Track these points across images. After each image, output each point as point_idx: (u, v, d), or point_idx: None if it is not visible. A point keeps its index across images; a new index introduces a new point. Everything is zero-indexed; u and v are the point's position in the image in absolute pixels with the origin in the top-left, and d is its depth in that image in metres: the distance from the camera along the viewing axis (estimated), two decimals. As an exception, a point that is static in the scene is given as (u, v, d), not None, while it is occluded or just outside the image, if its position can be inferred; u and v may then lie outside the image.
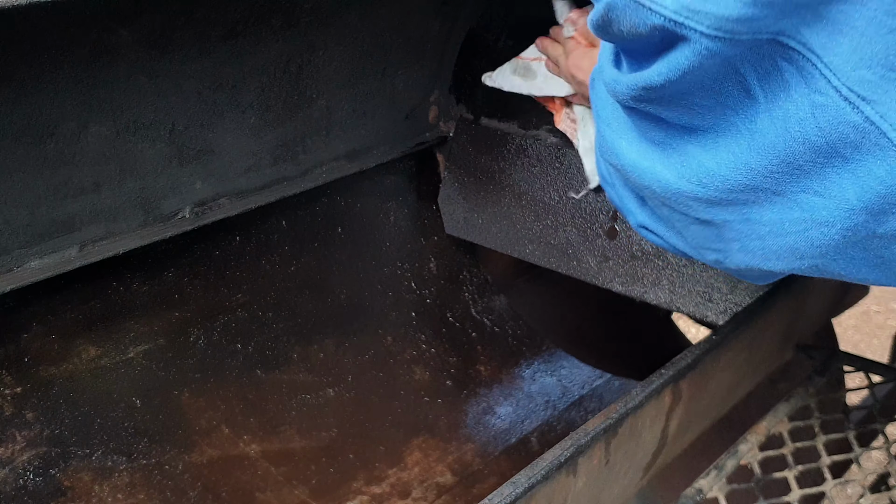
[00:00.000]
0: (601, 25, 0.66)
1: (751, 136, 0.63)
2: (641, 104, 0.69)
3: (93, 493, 1.08)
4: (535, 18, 1.39)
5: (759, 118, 0.62)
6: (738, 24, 0.57)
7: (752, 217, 0.68)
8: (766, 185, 0.65)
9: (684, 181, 0.69)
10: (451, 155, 1.49)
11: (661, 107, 0.67)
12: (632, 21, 0.62)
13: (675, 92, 0.64)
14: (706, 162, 0.67)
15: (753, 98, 0.62)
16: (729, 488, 1.14)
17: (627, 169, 0.75)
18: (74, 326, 1.13)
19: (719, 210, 0.69)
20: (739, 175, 0.65)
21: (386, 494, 1.21)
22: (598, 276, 1.35)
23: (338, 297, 1.40)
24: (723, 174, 0.66)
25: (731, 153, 0.65)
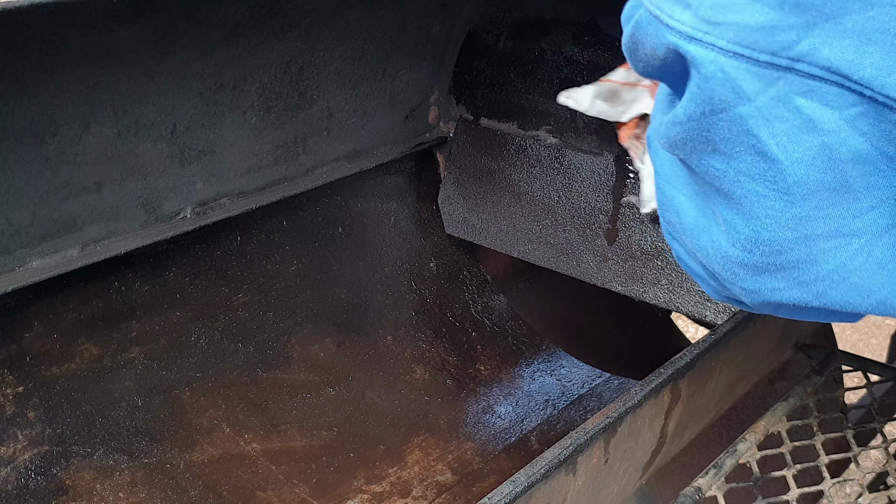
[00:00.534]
0: (630, 48, 0.62)
1: (786, 194, 0.57)
2: (676, 150, 0.63)
3: (94, 492, 1.08)
4: (535, 18, 1.40)
5: (788, 171, 0.56)
6: (761, 34, 0.53)
7: (803, 279, 0.60)
8: (818, 230, 0.58)
9: (730, 245, 0.62)
10: (451, 155, 1.49)
11: (687, 154, 0.61)
12: (652, 41, 0.58)
13: (695, 138, 0.59)
14: (741, 228, 0.60)
15: (772, 160, 0.56)
16: (727, 487, 1.15)
17: (686, 228, 0.67)
18: (76, 326, 1.13)
19: (768, 278, 0.62)
20: (785, 231, 0.58)
21: (386, 493, 1.21)
22: (598, 276, 1.36)
23: (338, 296, 1.40)
24: (765, 237, 0.59)
25: (766, 214, 0.58)
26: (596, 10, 1.34)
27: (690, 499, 1.11)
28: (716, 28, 0.54)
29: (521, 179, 1.42)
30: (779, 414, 1.26)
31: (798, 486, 1.16)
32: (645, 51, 0.60)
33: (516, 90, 1.42)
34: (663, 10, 0.57)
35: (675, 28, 0.56)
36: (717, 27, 0.54)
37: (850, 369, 1.39)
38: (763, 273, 0.62)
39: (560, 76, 1.38)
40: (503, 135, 1.43)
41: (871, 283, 0.60)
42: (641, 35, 0.60)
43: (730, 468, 1.17)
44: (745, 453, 1.19)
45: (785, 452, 1.21)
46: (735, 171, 0.58)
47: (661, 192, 0.71)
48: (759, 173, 0.57)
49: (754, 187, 0.58)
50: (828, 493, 1.16)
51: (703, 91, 0.56)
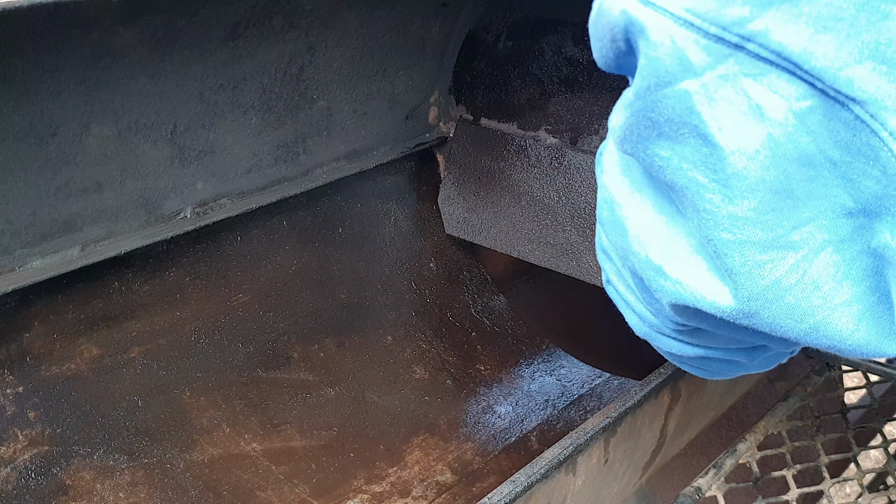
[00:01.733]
0: (594, 21, 0.57)
1: (724, 186, 0.51)
2: (625, 144, 0.58)
3: (94, 492, 1.08)
4: (535, 18, 1.40)
5: (728, 161, 0.51)
6: (713, 3, 0.49)
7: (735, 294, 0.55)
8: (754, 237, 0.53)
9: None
10: (451, 155, 1.49)
11: (632, 145, 0.57)
12: (609, 5, 0.54)
13: (641, 122, 0.55)
14: (682, 225, 0.56)
15: (713, 145, 0.51)
16: (727, 487, 1.15)
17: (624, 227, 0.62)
18: (76, 326, 1.13)
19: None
20: (723, 232, 0.53)
21: (386, 493, 1.21)
22: (598, 276, 1.35)
23: (338, 296, 1.40)
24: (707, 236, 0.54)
25: (704, 207, 0.53)
26: (596, 11, 1.34)
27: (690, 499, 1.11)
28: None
29: (521, 179, 1.42)
30: (779, 414, 1.27)
31: (798, 486, 1.16)
32: (602, 21, 0.55)
33: (516, 90, 1.42)
34: None
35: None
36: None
37: (850, 369, 1.39)
38: None
39: (560, 76, 1.38)
40: (503, 135, 1.43)
41: (805, 304, 0.54)
42: (600, 5, 0.55)
43: (730, 468, 1.17)
44: (745, 453, 1.19)
45: (785, 452, 1.21)
46: (679, 157, 0.53)
47: (606, 208, 0.64)
48: (700, 159, 0.52)
49: (695, 175, 0.53)
50: (828, 494, 1.16)
51: (650, 61, 0.52)
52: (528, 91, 1.41)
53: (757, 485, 1.16)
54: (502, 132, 1.43)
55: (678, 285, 0.58)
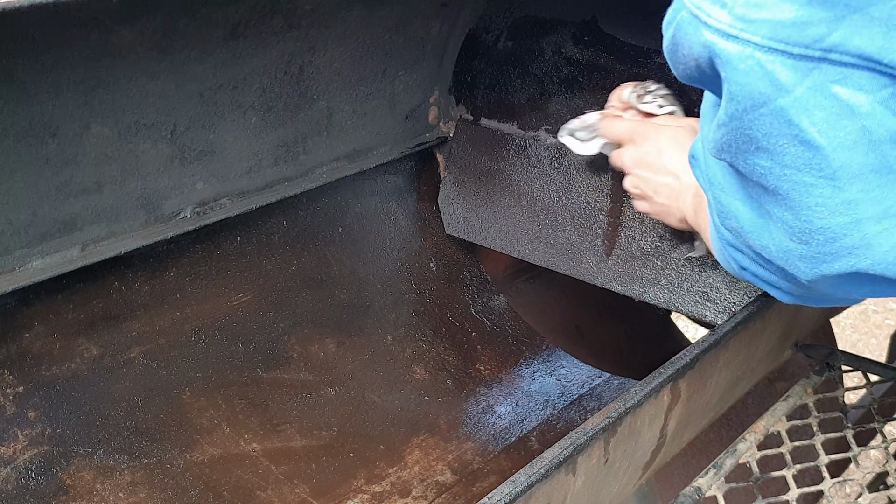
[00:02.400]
0: (670, 50, 0.65)
1: (832, 179, 0.60)
2: (722, 155, 0.65)
3: (94, 492, 1.08)
4: (535, 18, 1.40)
5: (832, 157, 0.59)
6: (793, 29, 0.56)
7: (861, 265, 0.63)
8: (868, 213, 0.61)
9: (788, 239, 0.65)
10: (451, 155, 1.49)
11: (732, 157, 0.64)
12: (689, 41, 0.61)
13: (738, 137, 0.62)
14: (792, 222, 0.64)
15: (816, 147, 0.59)
16: (727, 487, 1.15)
17: (746, 232, 0.70)
18: (76, 326, 1.13)
19: (826, 267, 0.64)
20: (838, 217, 0.61)
21: (386, 493, 1.21)
22: (598, 276, 1.36)
23: (338, 296, 1.40)
24: (819, 227, 0.62)
25: (815, 202, 0.61)
26: (596, 10, 1.34)
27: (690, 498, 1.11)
28: (750, 25, 0.58)
29: (520, 179, 1.42)
30: (779, 414, 1.27)
31: (798, 486, 1.16)
32: (683, 51, 0.63)
33: (516, 90, 1.42)
34: (702, 9, 0.60)
35: (712, 26, 0.59)
36: (752, 24, 0.57)
37: (850, 369, 1.39)
38: (823, 262, 0.64)
39: (560, 76, 1.38)
40: (503, 135, 1.43)
41: None
42: (681, 36, 0.63)
43: (730, 468, 1.17)
44: (745, 453, 1.19)
45: (785, 452, 1.21)
46: (780, 166, 0.61)
47: (718, 202, 0.74)
48: (804, 163, 0.60)
49: (801, 178, 0.61)
50: (828, 493, 1.16)
51: (741, 87, 0.59)
52: (528, 91, 1.41)
53: (757, 485, 1.16)
54: (502, 132, 1.43)
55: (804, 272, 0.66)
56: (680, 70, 0.67)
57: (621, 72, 1.33)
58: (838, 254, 0.63)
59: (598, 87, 1.35)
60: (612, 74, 1.34)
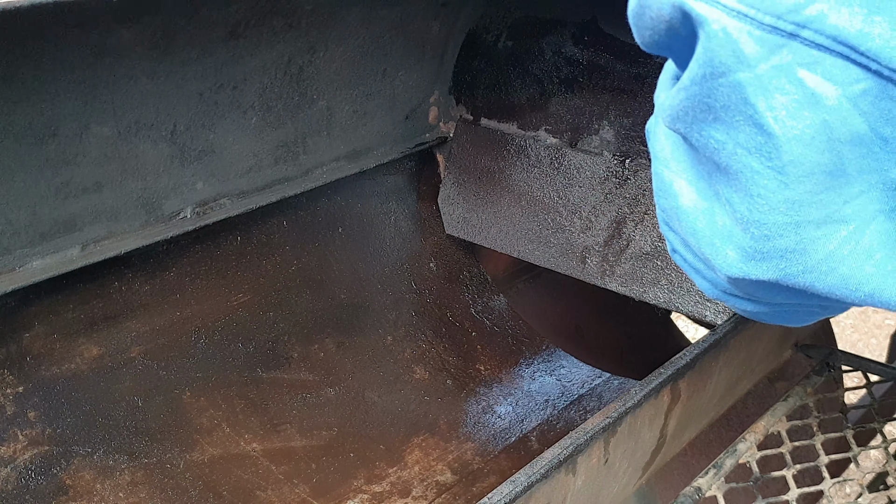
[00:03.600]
0: (636, 13, 0.58)
1: (780, 173, 0.54)
2: (678, 123, 0.59)
3: (94, 492, 1.08)
4: (535, 18, 1.40)
5: (784, 149, 0.53)
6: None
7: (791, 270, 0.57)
8: (810, 216, 0.55)
9: (734, 224, 0.59)
10: (451, 155, 1.49)
11: (687, 124, 0.58)
12: (659, 2, 0.55)
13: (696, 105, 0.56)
14: (738, 206, 0.57)
15: (769, 134, 0.53)
16: (727, 487, 1.15)
17: (681, 212, 0.64)
18: (76, 326, 1.13)
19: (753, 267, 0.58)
20: (777, 215, 0.55)
21: (386, 493, 1.21)
22: (598, 276, 1.36)
23: (338, 296, 1.40)
24: (756, 219, 0.56)
25: (759, 193, 0.55)
26: (596, 10, 1.34)
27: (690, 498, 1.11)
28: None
29: (520, 179, 1.42)
30: (779, 414, 1.27)
31: (798, 486, 1.16)
32: (651, 14, 0.56)
33: (516, 90, 1.42)
34: None
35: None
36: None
37: (850, 369, 1.39)
38: (751, 260, 0.59)
39: (560, 76, 1.38)
40: (503, 135, 1.43)
41: (859, 274, 0.57)
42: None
43: (730, 468, 1.17)
44: (745, 453, 1.19)
45: (785, 452, 1.21)
46: (734, 143, 0.55)
47: (658, 177, 0.67)
48: (755, 146, 0.54)
49: (750, 162, 0.54)
50: (828, 493, 1.16)
51: (705, 51, 0.53)
52: (528, 91, 1.41)
53: (757, 485, 1.16)
54: (502, 132, 1.44)
55: (729, 265, 0.60)
56: (647, 36, 0.59)
57: (621, 72, 1.33)
58: (769, 255, 0.57)
59: (598, 87, 1.35)
60: (612, 74, 1.34)
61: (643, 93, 1.32)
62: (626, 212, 1.32)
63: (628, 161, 1.32)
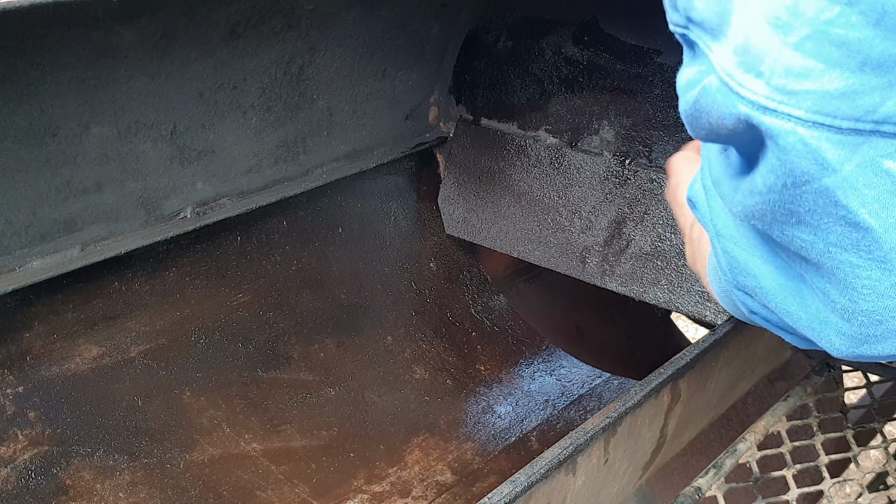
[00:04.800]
0: (691, 115, 0.58)
1: (882, 262, 0.54)
2: (753, 220, 0.59)
3: (94, 492, 1.08)
4: (535, 19, 1.40)
5: (883, 239, 0.53)
6: (842, 101, 0.50)
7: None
8: None
9: (829, 311, 0.60)
10: (451, 155, 1.49)
11: (767, 225, 0.58)
12: (720, 110, 0.54)
13: (776, 209, 0.56)
14: (836, 298, 0.58)
15: (865, 229, 0.53)
16: (727, 487, 1.15)
17: (766, 292, 0.64)
18: (76, 326, 1.13)
19: (867, 349, 0.60)
20: (887, 300, 0.56)
21: (386, 493, 1.21)
22: (598, 276, 1.36)
23: (338, 296, 1.40)
24: (864, 308, 0.57)
25: (863, 284, 0.56)
26: (596, 10, 1.34)
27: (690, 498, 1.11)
28: (792, 97, 0.51)
29: (521, 179, 1.42)
30: (779, 414, 1.27)
31: (798, 486, 1.16)
32: (710, 119, 0.56)
33: (516, 90, 1.42)
34: (734, 78, 0.53)
35: (746, 98, 0.52)
36: (794, 96, 0.51)
37: (850, 369, 1.39)
38: (864, 343, 0.60)
39: (560, 76, 1.38)
40: (503, 135, 1.43)
41: None
42: (707, 103, 0.56)
43: (730, 468, 1.17)
44: (745, 453, 1.19)
45: (785, 452, 1.21)
46: (825, 243, 0.55)
47: (730, 256, 0.67)
48: (851, 244, 0.54)
49: (848, 258, 0.55)
50: (828, 493, 1.16)
51: (783, 163, 0.53)
52: (528, 91, 1.41)
53: (757, 485, 1.16)
54: (502, 132, 1.43)
55: (839, 350, 0.61)
56: (702, 134, 0.59)
57: (621, 72, 1.33)
58: (884, 336, 0.58)
59: (598, 87, 1.35)
60: (612, 74, 1.34)
61: (643, 93, 1.32)
62: (626, 212, 1.32)
63: (628, 161, 1.32)
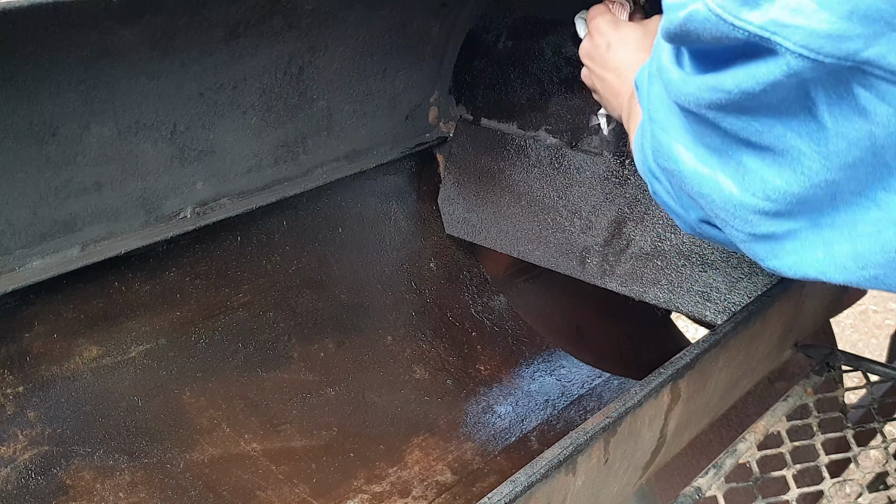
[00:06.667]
0: (677, 34, 0.64)
1: (824, 158, 0.62)
2: (704, 109, 0.66)
3: (94, 492, 1.08)
4: (535, 18, 1.40)
5: (831, 142, 0.61)
6: (827, 41, 0.56)
7: (821, 222, 0.65)
8: (847, 188, 0.63)
9: (748, 194, 0.66)
10: (451, 155, 1.49)
11: (721, 114, 0.65)
12: (713, 33, 0.60)
13: (742, 103, 0.63)
14: (770, 178, 0.65)
15: (820, 124, 0.61)
16: (727, 487, 1.15)
17: (685, 175, 0.71)
18: (76, 326, 1.13)
19: (784, 221, 0.66)
20: (815, 189, 0.63)
21: (386, 493, 1.21)
22: (598, 276, 1.36)
23: (338, 296, 1.40)
24: (794, 191, 0.64)
25: (802, 172, 0.63)
26: (596, 11, 1.34)
27: (690, 498, 1.11)
28: (784, 29, 0.57)
29: (520, 179, 1.42)
30: (779, 414, 1.27)
31: (798, 486, 1.16)
32: (701, 36, 0.62)
33: (516, 90, 1.42)
34: (727, 9, 0.59)
35: (743, 27, 0.58)
36: (785, 28, 0.57)
37: (850, 369, 1.39)
38: (781, 216, 0.66)
39: (560, 76, 1.38)
40: (503, 135, 1.43)
41: (871, 256, 0.64)
42: (696, 27, 0.61)
43: (730, 468, 1.17)
44: (745, 453, 1.19)
45: (785, 452, 1.21)
46: (784, 126, 0.62)
47: (656, 139, 0.74)
48: (807, 132, 0.61)
49: (798, 144, 0.62)
50: (827, 493, 1.16)
51: (768, 74, 0.59)
52: (528, 91, 1.41)
53: (757, 485, 1.16)
54: (502, 132, 1.43)
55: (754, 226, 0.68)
56: (685, 43, 0.66)
57: (621, 72, 1.33)
58: (804, 211, 0.65)
59: (598, 87, 1.35)
60: (612, 74, 1.34)
61: (643, 93, 1.32)
62: (626, 212, 1.32)
63: (628, 161, 1.32)
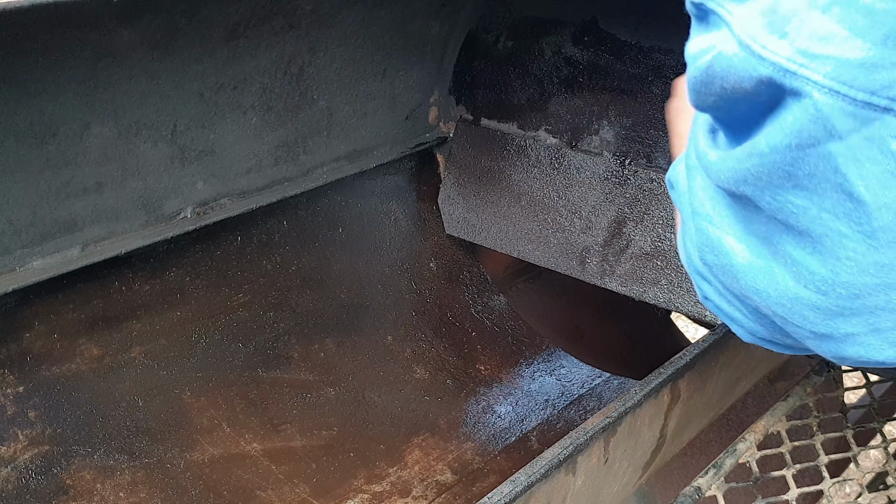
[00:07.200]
0: (702, 81, 0.59)
1: (870, 237, 0.55)
2: (742, 185, 0.59)
3: (95, 492, 1.08)
4: (535, 19, 1.40)
5: (874, 216, 0.54)
6: (861, 72, 0.50)
7: (880, 326, 0.59)
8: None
9: (801, 286, 0.59)
10: (451, 155, 1.49)
11: (759, 190, 0.59)
12: (738, 74, 0.55)
13: (773, 170, 0.56)
14: (816, 268, 0.58)
15: (859, 201, 0.54)
16: (727, 487, 1.15)
17: (738, 269, 0.64)
18: (76, 326, 1.13)
19: (842, 322, 0.60)
20: (865, 276, 0.57)
21: (386, 493, 1.21)
22: (598, 276, 1.36)
23: (338, 296, 1.40)
24: (843, 280, 0.57)
25: (847, 256, 0.56)
26: (596, 10, 1.34)
27: (690, 498, 1.11)
28: (813, 61, 0.52)
29: (520, 179, 1.42)
30: (778, 414, 1.27)
31: (798, 486, 1.16)
32: (725, 83, 0.57)
33: (516, 90, 1.42)
34: (756, 39, 0.54)
35: (768, 59, 0.53)
36: (815, 60, 0.51)
37: (850, 369, 1.39)
38: (837, 317, 0.60)
39: (560, 76, 1.38)
40: (503, 135, 1.43)
41: None
42: (723, 67, 0.56)
43: (729, 468, 1.17)
44: (745, 453, 1.19)
45: (784, 452, 1.21)
46: (818, 208, 0.56)
47: (703, 233, 0.67)
48: (844, 212, 0.55)
49: (837, 226, 0.56)
50: (827, 493, 1.16)
51: (790, 124, 0.54)
52: (528, 91, 1.41)
53: (757, 484, 1.16)
54: (502, 132, 1.44)
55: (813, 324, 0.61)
56: (709, 101, 0.60)
57: (621, 72, 1.33)
58: (859, 311, 0.59)
59: (598, 87, 1.35)
60: (611, 74, 1.34)
61: (643, 93, 1.32)
62: (626, 212, 1.32)
63: (628, 161, 1.32)
